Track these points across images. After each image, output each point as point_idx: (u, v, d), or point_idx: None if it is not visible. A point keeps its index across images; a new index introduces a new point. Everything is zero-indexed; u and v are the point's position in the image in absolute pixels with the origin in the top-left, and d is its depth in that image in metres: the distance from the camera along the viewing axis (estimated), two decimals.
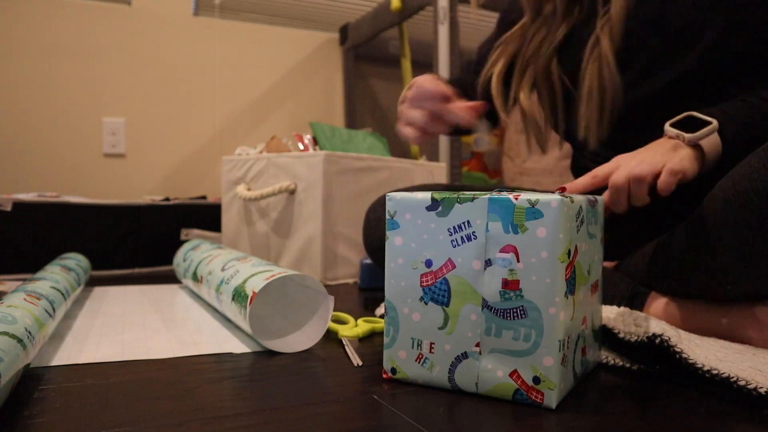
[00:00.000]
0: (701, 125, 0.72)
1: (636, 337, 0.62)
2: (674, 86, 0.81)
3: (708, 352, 0.60)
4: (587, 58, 0.84)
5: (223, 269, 0.84)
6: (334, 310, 0.93)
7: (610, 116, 0.84)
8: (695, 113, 0.74)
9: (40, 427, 0.45)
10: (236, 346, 0.71)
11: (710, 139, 0.71)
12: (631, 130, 0.83)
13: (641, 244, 0.84)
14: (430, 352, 0.55)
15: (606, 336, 0.67)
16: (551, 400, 0.50)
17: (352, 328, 0.76)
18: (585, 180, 0.73)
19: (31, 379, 0.57)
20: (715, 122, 0.71)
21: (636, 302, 0.77)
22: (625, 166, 0.70)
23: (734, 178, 0.65)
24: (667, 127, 0.74)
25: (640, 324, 0.64)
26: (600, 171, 0.73)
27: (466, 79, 1.06)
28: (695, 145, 0.71)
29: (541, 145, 0.97)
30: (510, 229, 0.51)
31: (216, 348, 0.70)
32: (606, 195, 0.76)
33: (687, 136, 0.71)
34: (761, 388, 0.51)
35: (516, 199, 0.50)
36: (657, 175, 0.68)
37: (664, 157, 0.70)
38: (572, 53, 0.89)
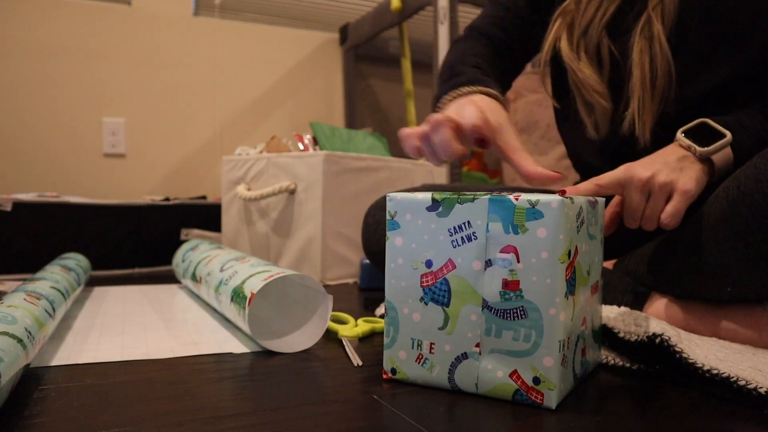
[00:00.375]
0: (714, 134, 0.71)
1: (636, 337, 0.62)
2: (723, 88, 0.77)
3: (708, 352, 0.60)
4: (636, 36, 0.79)
5: (221, 270, 0.84)
6: (334, 310, 0.93)
7: (660, 98, 0.79)
8: (709, 121, 0.72)
9: (40, 427, 0.45)
10: (236, 346, 0.71)
11: (722, 153, 0.70)
12: (675, 131, 0.76)
13: (641, 244, 0.84)
14: (430, 352, 0.55)
15: (606, 336, 0.67)
16: (551, 400, 0.50)
17: (352, 328, 0.76)
18: (587, 187, 0.71)
19: (31, 379, 0.57)
20: (729, 135, 0.70)
21: (636, 302, 0.77)
22: (638, 185, 0.69)
23: (739, 179, 0.65)
24: (678, 135, 0.72)
25: (640, 324, 0.64)
26: (604, 180, 0.71)
27: (493, 45, 0.93)
28: (706, 159, 0.70)
29: (604, 123, 0.85)
30: (510, 230, 0.51)
31: (216, 348, 0.70)
32: (611, 208, 0.75)
33: (699, 150, 0.70)
34: (761, 388, 0.51)
35: (516, 199, 0.50)
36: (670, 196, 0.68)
37: (673, 174, 0.68)
38: (620, 29, 0.83)
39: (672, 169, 0.69)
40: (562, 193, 0.67)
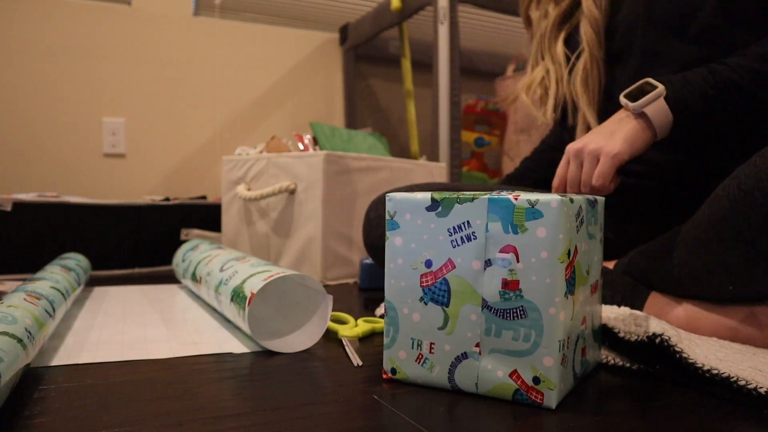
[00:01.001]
0: (652, 90, 0.74)
1: (636, 337, 0.62)
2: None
3: (708, 352, 0.60)
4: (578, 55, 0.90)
5: (221, 269, 0.84)
6: (334, 310, 0.93)
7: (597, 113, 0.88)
8: (650, 79, 0.75)
9: (40, 427, 0.45)
10: (236, 346, 0.71)
11: (656, 107, 0.72)
12: None
13: (641, 244, 0.84)
14: (430, 352, 0.55)
15: (606, 336, 0.67)
16: (551, 400, 0.50)
17: (352, 328, 0.76)
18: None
19: (31, 379, 0.57)
20: (660, 87, 0.73)
21: (636, 302, 0.77)
22: (573, 156, 0.75)
23: (739, 177, 0.65)
24: (620, 97, 0.76)
25: (640, 324, 0.64)
26: (557, 174, 0.78)
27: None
28: (642, 114, 0.73)
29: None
30: (510, 230, 0.51)
31: (216, 348, 0.70)
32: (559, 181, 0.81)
33: (631, 105, 0.73)
34: (761, 388, 0.51)
35: (516, 199, 0.50)
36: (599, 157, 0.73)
37: (602, 141, 0.73)
38: (573, 43, 0.93)
39: (603, 135, 0.74)
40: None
